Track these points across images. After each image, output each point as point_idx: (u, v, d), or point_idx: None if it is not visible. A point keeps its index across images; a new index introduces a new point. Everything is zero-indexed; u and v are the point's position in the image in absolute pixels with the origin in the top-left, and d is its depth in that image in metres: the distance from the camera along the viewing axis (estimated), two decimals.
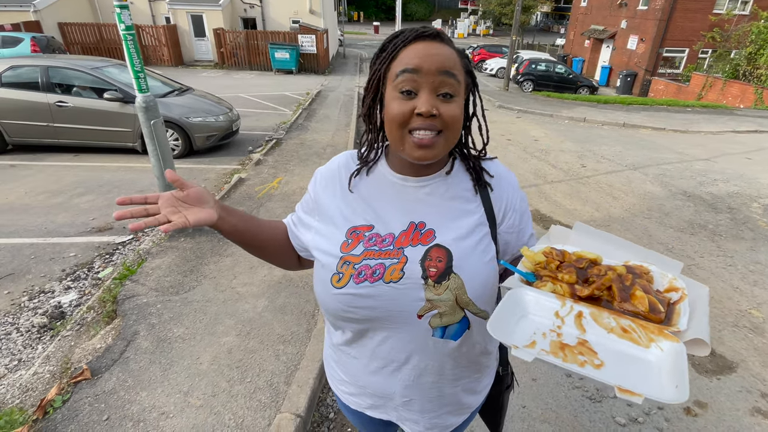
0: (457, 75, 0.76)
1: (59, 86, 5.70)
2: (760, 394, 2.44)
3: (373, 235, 0.84)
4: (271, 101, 10.90)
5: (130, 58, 3.07)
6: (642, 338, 0.62)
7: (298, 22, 18.68)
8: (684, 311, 0.65)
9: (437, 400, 0.94)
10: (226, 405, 2.07)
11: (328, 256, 0.85)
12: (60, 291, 3.06)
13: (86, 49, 15.62)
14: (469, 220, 0.85)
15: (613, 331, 0.64)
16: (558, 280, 0.71)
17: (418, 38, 0.76)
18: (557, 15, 51.46)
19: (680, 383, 0.54)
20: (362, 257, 0.82)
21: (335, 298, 0.82)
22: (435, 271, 0.80)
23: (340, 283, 0.81)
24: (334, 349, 0.99)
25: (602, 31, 22.75)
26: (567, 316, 0.66)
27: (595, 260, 0.75)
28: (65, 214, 4.21)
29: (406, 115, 0.75)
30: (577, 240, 0.81)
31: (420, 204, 0.85)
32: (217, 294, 2.92)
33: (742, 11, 17.90)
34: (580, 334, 0.64)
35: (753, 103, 14.43)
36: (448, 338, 0.85)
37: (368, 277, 0.80)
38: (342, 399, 1.04)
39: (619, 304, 0.67)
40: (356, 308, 0.82)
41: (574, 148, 7.85)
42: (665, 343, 0.61)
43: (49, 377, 2.23)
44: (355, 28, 43.40)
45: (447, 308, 0.81)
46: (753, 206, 5.35)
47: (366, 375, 0.93)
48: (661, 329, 0.63)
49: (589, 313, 0.66)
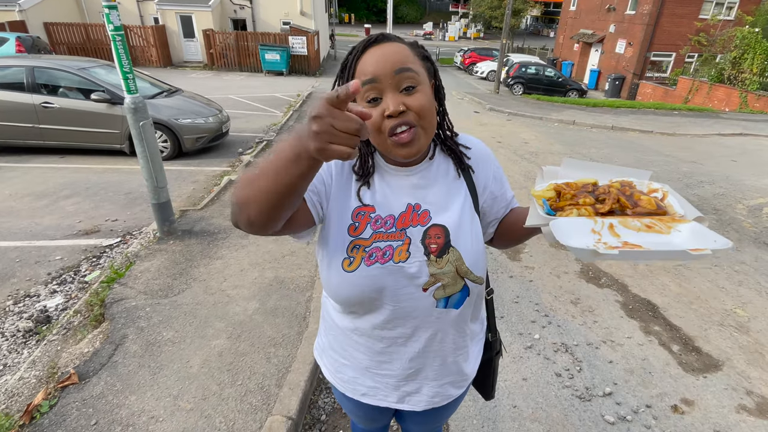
0: (413, 66, 0.80)
1: (45, 87, 5.61)
2: (745, 391, 2.49)
3: (377, 217, 0.88)
4: (261, 103, 10.86)
5: (119, 59, 3.04)
6: (663, 228, 0.75)
7: (288, 23, 18.64)
8: (674, 202, 0.80)
9: (440, 369, 1.00)
10: (216, 408, 2.06)
11: (335, 240, 0.87)
12: (46, 295, 3.02)
13: (72, 49, 15.43)
14: (458, 197, 0.93)
15: (641, 229, 0.75)
16: (580, 205, 0.80)
17: (365, 48, 0.81)
18: (547, 19, 52.03)
19: (716, 238, 0.67)
20: (372, 240, 0.86)
21: (346, 281, 0.86)
22: (436, 247, 0.87)
23: (351, 267, 0.85)
24: (336, 333, 1.02)
25: (591, 35, 23.05)
26: (602, 230, 0.75)
27: (595, 183, 0.85)
28: (51, 216, 4.15)
29: (379, 121, 0.78)
30: (565, 174, 0.89)
31: (413, 188, 0.91)
32: (207, 297, 2.89)
33: (727, 16, 18.28)
34: (619, 239, 0.73)
35: (738, 107, 14.73)
36: (450, 308, 0.91)
37: (379, 258, 0.85)
38: (339, 388, 1.08)
39: (633, 210, 0.79)
40: (367, 290, 0.86)
41: (564, 151, 7.94)
42: (680, 225, 0.74)
43: (35, 382, 2.19)
44: (346, 30, 43.41)
45: (449, 279, 0.88)
46: (738, 207, 5.45)
47: (372, 354, 0.97)
48: (672, 218, 0.77)
49: (617, 222, 0.76)
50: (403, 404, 1.03)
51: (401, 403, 1.03)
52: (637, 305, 3.26)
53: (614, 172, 0.88)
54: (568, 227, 0.74)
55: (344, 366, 1.03)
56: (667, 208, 0.80)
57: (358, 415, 1.16)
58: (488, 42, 37.73)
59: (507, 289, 3.37)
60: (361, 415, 1.16)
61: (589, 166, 0.89)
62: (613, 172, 0.88)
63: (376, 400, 1.03)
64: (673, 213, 0.78)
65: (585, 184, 0.84)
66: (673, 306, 3.27)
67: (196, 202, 4.55)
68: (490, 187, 1.00)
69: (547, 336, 2.86)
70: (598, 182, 0.85)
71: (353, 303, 0.89)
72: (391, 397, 1.02)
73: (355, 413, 1.16)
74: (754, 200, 5.76)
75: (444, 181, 0.94)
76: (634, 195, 0.81)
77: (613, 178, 0.87)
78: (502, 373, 2.51)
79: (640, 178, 0.87)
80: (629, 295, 3.38)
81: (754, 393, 2.48)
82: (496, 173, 1.01)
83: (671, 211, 0.79)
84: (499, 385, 2.42)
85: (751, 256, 4.11)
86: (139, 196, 4.69)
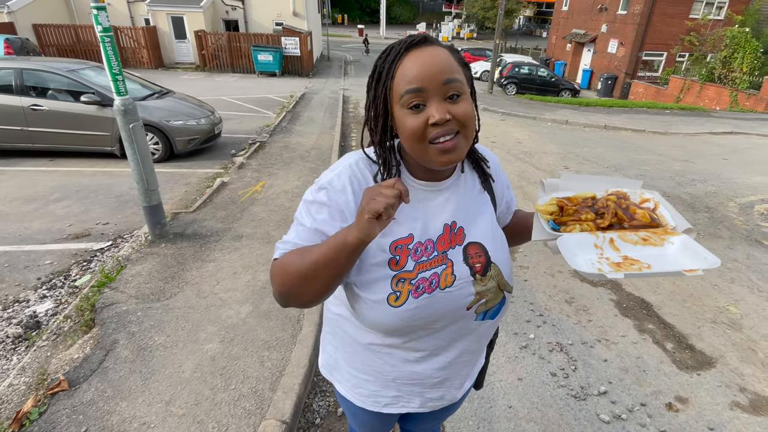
0: (458, 76, 0.77)
1: (34, 89, 5.54)
2: (738, 388, 2.50)
3: (416, 246, 0.84)
4: (254, 104, 10.81)
5: (108, 61, 3.00)
6: (657, 241, 0.81)
7: (281, 24, 18.57)
8: (665, 213, 0.86)
9: (467, 375, 1.02)
10: (209, 413, 2.03)
11: (377, 277, 0.82)
12: (35, 300, 2.97)
13: (62, 51, 15.25)
14: (486, 210, 0.94)
15: (637, 243, 0.81)
16: (582, 221, 0.85)
17: (408, 49, 0.76)
18: (539, 19, 52.27)
19: (706, 255, 0.73)
20: (416, 272, 0.83)
21: (394, 316, 0.82)
22: (480, 266, 0.87)
23: (399, 302, 0.81)
24: (356, 349, 0.96)
25: (583, 35, 23.19)
26: (603, 245, 0.81)
27: (593, 197, 0.90)
28: (41, 220, 4.09)
29: (422, 128, 0.75)
30: (565, 186, 0.94)
31: (446, 205, 0.89)
32: (199, 300, 2.86)
33: (717, 16, 18.46)
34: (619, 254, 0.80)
35: (729, 105, 14.89)
36: (488, 319, 0.92)
37: (426, 289, 0.82)
38: (358, 403, 1.03)
39: (630, 223, 0.85)
40: (415, 320, 0.83)
41: (557, 150, 7.97)
42: (672, 238, 0.81)
43: (24, 389, 2.15)
44: (339, 31, 43.38)
45: (492, 295, 0.89)
46: (729, 205, 5.50)
47: (400, 365, 0.93)
48: (665, 230, 0.83)
49: (617, 236, 0.82)
50: (424, 408, 1.01)
51: (422, 407, 1.01)
52: (631, 304, 3.27)
53: (609, 183, 0.94)
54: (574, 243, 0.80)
55: (366, 381, 0.99)
56: (659, 219, 0.86)
57: (368, 424, 1.12)
58: (481, 42, 37.84)
59: None
60: (371, 424, 1.12)
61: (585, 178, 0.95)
62: (608, 182, 0.94)
63: (397, 408, 1.01)
64: (665, 225, 0.85)
65: (585, 199, 0.89)
66: (667, 304, 3.28)
67: (188, 205, 4.51)
68: (506, 196, 1.03)
69: (542, 335, 2.86)
70: (596, 195, 0.90)
71: (399, 333, 0.87)
72: (413, 403, 1.00)
73: (366, 423, 1.12)
74: (746, 198, 5.82)
75: (472, 195, 0.93)
76: (630, 208, 0.87)
77: (609, 189, 0.92)
78: (498, 373, 2.51)
79: (632, 187, 0.93)
80: (623, 294, 3.39)
81: (747, 390, 2.49)
82: (507, 181, 1.05)
83: (663, 223, 0.85)
84: (495, 385, 2.42)
85: (743, 254, 4.14)
86: (130, 199, 4.64)
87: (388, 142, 0.84)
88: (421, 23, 47.30)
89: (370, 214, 0.65)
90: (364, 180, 0.84)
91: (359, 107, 11.45)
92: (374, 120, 0.82)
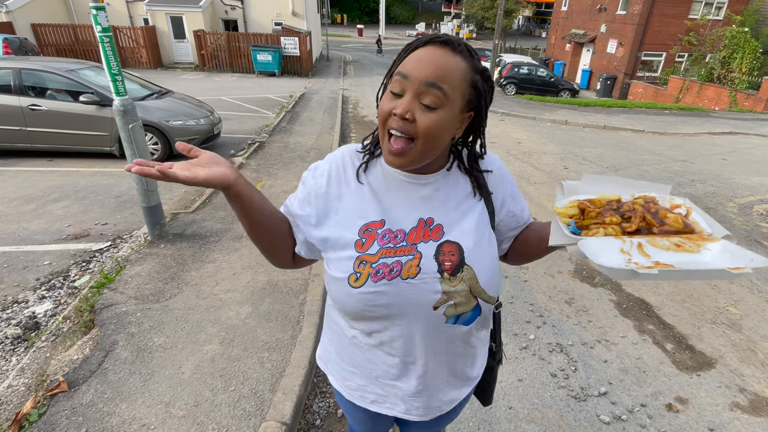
0: (446, 88, 0.76)
1: (32, 89, 5.53)
2: (738, 389, 2.50)
3: (385, 231, 0.86)
4: (253, 104, 10.80)
5: (107, 61, 2.99)
6: (693, 247, 0.72)
7: (280, 24, 18.56)
8: (699, 220, 0.77)
9: (447, 377, 0.99)
10: (209, 415, 2.03)
11: (342, 256, 0.86)
12: (34, 301, 2.96)
13: (61, 50, 15.22)
14: (473, 214, 0.90)
15: (670, 248, 0.72)
16: (606, 224, 0.77)
17: (426, 43, 0.78)
18: (539, 19, 52.29)
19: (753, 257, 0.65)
20: (379, 256, 0.84)
21: (353, 297, 0.84)
22: (450, 265, 0.85)
23: (358, 283, 0.83)
24: (344, 342, 0.99)
25: (582, 35, 23.21)
26: (631, 250, 0.72)
27: (619, 200, 0.82)
28: (39, 220, 4.08)
29: (387, 113, 0.78)
30: (586, 189, 0.86)
31: (426, 201, 0.88)
32: (199, 301, 2.86)
33: (716, 16, 18.48)
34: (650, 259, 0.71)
35: (728, 106, 14.91)
36: (460, 324, 0.89)
37: (386, 275, 0.83)
38: (347, 396, 1.05)
39: (660, 229, 0.76)
40: (375, 306, 0.84)
41: (557, 151, 7.97)
42: (710, 244, 0.72)
43: (24, 390, 2.15)
44: (339, 31, 43.36)
45: (462, 298, 0.86)
46: (729, 206, 5.50)
47: (383, 366, 0.95)
48: (701, 236, 0.74)
49: (646, 241, 0.73)
50: (410, 416, 1.01)
51: (408, 414, 1.01)
52: (630, 304, 3.27)
53: (634, 187, 0.85)
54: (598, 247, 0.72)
55: (352, 374, 1.01)
56: (693, 225, 0.77)
57: (361, 421, 1.14)
58: (480, 42, 37.86)
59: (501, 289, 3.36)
60: (368, 422, 1.14)
61: (608, 180, 0.86)
62: (633, 186, 0.85)
63: (384, 408, 1.01)
64: (700, 231, 0.75)
65: (609, 201, 0.81)
66: (667, 304, 3.28)
67: (188, 205, 4.50)
68: (508, 205, 0.98)
69: (542, 336, 2.86)
70: (621, 198, 0.82)
71: (360, 317, 0.88)
72: (398, 407, 1.00)
73: (360, 420, 1.14)
74: (745, 198, 5.82)
75: (459, 196, 0.91)
76: (660, 212, 0.78)
77: (635, 193, 0.84)
78: (498, 374, 2.50)
79: (660, 192, 0.84)
80: (623, 294, 3.39)
81: (747, 390, 2.49)
82: (513, 191, 0.99)
83: (698, 229, 0.76)
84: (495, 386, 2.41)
85: None
86: (129, 199, 4.63)
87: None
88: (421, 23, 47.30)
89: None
90: (343, 170, 0.90)
91: (359, 107, 11.45)
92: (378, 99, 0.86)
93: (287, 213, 0.94)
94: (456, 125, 0.82)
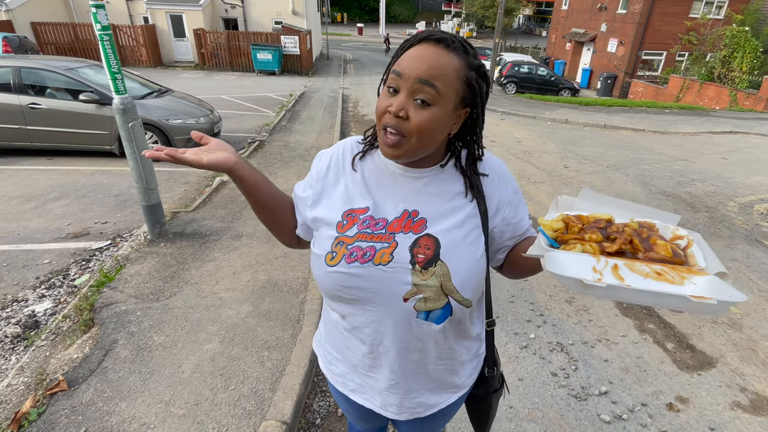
0: (439, 85, 0.76)
1: (32, 88, 5.52)
2: (739, 388, 2.50)
3: (367, 218, 0.88)
4: (253, 103, 10.79)
5: (107, 59, 2.98)
6: (675, 278, 0.66)
7: (280, 23, 18.54)
8: (697, 253, 0.71)
9: (422, 377, 0.98)
10: (209, 414, 2.02)
11: (324, 235, 0.90)
12: (34, 299, 2.96)
13: (60, 49, 15.21)
14: (461, 213, 0.89)
15: (649, 275, 0.67)
16: (585, 241, 0.74)
17: (421, 41, 0.79)
18: (539, 18, 52.23)
19: (731, 292, 0.60)
20: (355, 239, 0.86)
21: (327, 275, 0.87)
22: (423, 258, 0.84)
23: (333, 262, 0.86)
24: (330, 326, 1.03)
25: (583, 34, 23.17)
26: (604, 269, 0.69)
27: (609, 220, 0.78)
28: (39, 219, 4.08)
29: (382, 111, 0.80)
30: (582, 206, 0.83)
31: (416, 194, 0.89)
32: (199, 300, 2.85)
33: (717, 15, 18.45)
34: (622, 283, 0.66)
35: (728, 105, 14.89)
36: (431, 321, 0.89)
37: (359, 258, 0.85)
38: (331, 380, 1.09)
39: (645, 254, 0.71)
40: (346, 287, 0.86)
41: (557, 150, 7.96)
42: (697, 278, 0.65)
43: (23, 389, 2.14)
44: (339, 29, 43.31)
45: (432, 294, 0.85)
46: (729, 205, 5.50)
47: (359, 354, 0.97)
48: (689, 269, 0.68)
49: (623, 264, 0.69)
50: (387, 412, 1.01)
51: (384, 410, 1.01)
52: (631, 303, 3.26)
53: (636, 211, 0.80)
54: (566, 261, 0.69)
55: (336, 360, 1.04)
56: (688, 258, 0.71)
57: (351, 412, 1.15)
58: (481, 41, 37.80)
59: (502, 288, 3.36)
60: (354, 413, 1.14)
61: (608, 201, 0.83)
62: (636, 210, 0.80)
63: (362, 399, 1.03)
64: (692, 264, 0.69)
65: (597, 220, 0.78)
66: None
67: (188, 204, 4.49)
68: (504, 211, 0.94)
69: (542, 335, 2.85)
70: (614, 219, 0.79)
71: (335, 297, 0.90)
72: (376, 400, 1.01)
73: (348, 410, 1.15)
74: (745, 198, 5.82)
75: (449, 193, 0.90)
76: (651, 238, 0.73)
77: (635, 218, 0.79)
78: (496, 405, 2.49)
79: (666, 221, 0.78)
80: None
81: (747, 390, 2.49)
82: (512, 199, 0.95)
83: (691, 262, 0.70)
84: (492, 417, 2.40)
85: (743, 254, 4.14)
86: (129, 198, 4.62)
87: None
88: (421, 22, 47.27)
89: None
90: (343, 157, 0.95)
91: (359, 106, 11.44)
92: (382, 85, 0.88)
93: (293, 196, 1.02)
94: (450, 122, 0.82)
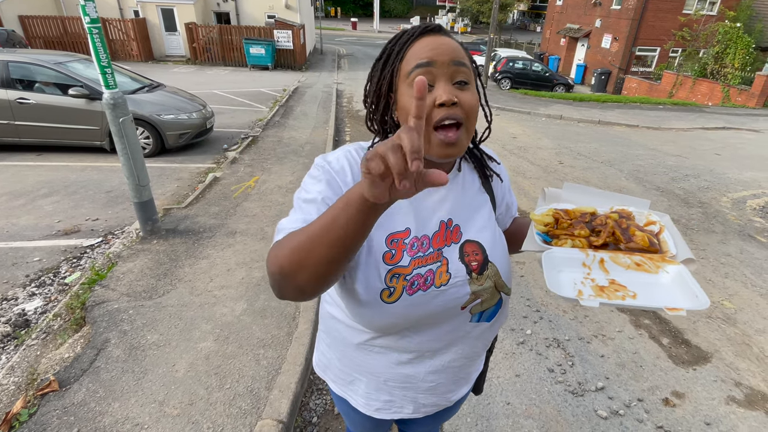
0: (467, 63, 0.77)
1: (20, 82, 5.41)
2: (734, 383, 2.51)
3: (412, 241, 0.81)
4: (246, 98, 10.68)
5: (96, 53, 2.92)
6: (652, 267, 0.76)
7: (273, 17, 18.35)
8: (668, 239, 0.81)
9: (462, 379, 0.99)
10: (204, 413, 1.99)
11: (369, 270, 0.77)
12: (24, 298, 2.90)
13: (49, 43, 14.93)
14: (484, 209, 0.91)
15: (630, 267, 0.77)
16: (575, 236, 0.82)
17: (422, 34, 0.77)
18: (534, 13, 52.22)
19: (698, 293, 0.68)
20: (411, 267, 0.79)
21: (386, 312, 0.79)
22: (476, 264, 0.85)
23: (392, 298, 0.78)
24: (349, 349, 0.94)
25: (577, 30, 23.19)
26: (592, 264, 0.78)
27: (593, 213, 0.86)
28: (28, 216, 4.00)
29: (429, 108, 0.73)
30: (567, 197, 0.91)
31: (443, 202, 0.86)
32: (192, 298, 2.82)
33: (710, 11, 18.54)
34: (607, 276, 0.76)
35: (721, 101, 15.00)
36: (483, 321, 0.89)
37: (421, 286, 0.79)
38: (351, 402, 1.01)
39: (626, 245, 0.81)
40: (409, 318, 0.81)
41: (551, 145, 7.97)
42: (669, 267, 0.76)
43: (14, 389, 2.10)
44: (333, 24, 43.01)
45: (488, 295, 0.86)
46: (722, 200, 5.53)
47: (392, 366, 0.91)
48: (662, 257, 0.78)
49: (608, 257, 0.78)
50: (418, 414, 0.99)
51: (416, 414, 0.99)
52: None
53: (614, 199, 0.90)
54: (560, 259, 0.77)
55: (358, 381, 0.98)
56: (661, 244, 0.81)
57: (360, 424, 1.11)
58: (475, 36, 37.69)
59: None
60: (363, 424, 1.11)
61: (589, 191, 0.91)
62: (613, 199, 0.90)
63: (389, 414, 0.98)
64: (665, 251, 0.80)
65: (583, 214, 0.86)
66: None
67: (180, 200, 4.44)
68: (507, 198, 1.00)
69: (539, 331, 2.85)
70: (597, 211, 0.87)
71: (391, 331, 0.84)
72: (406, 408, 0.97)
73: (359, 423, 1.11)
74: (738, 193, 5.86)
75: (470, 193, 0.91)
76: (630, 229, 0.83)
77: (614, 206, 0.88)
78: (495, 369, 2.49)
79: (639, 207, 0.89)
80: None
81: (742, 384, 2.50)
82: (509, 183, 1.02)
83: (664, 249, 0.80)
84: (492, 381, 2.40)
85: (737, 249, 4.16)
86: (121, 194, 4.56)
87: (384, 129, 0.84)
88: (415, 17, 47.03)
89: (364, 169, 0.49)
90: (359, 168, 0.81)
91: (353, 101, 11.37)
92: (376, 102, 0.82)
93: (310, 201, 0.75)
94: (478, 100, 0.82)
